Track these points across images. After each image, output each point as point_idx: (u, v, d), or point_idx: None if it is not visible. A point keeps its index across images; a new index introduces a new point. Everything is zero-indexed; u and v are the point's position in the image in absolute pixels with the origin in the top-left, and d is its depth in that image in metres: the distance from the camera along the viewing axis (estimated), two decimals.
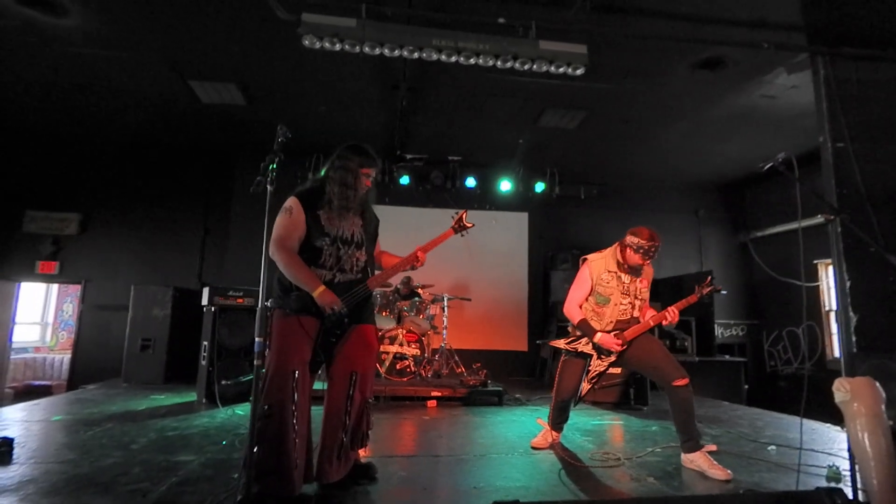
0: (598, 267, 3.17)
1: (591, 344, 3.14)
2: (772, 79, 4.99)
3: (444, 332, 6.03)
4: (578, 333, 3.22)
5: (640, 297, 3.14)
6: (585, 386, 3.16)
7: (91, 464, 2.70)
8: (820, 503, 1.97)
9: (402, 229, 6.87)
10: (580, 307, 3.20)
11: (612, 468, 2.90)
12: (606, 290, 3.13)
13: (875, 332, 3.82)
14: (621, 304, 3.11)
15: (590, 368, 3.14)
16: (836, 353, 6.62)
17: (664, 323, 3.02)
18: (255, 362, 1.93)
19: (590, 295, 3.19)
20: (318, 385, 2.46)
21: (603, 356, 3.11)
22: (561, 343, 3.31)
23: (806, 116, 5.25)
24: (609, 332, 3.08)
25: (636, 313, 3.12)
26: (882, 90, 4.30)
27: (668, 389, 2.92)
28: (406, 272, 5.95)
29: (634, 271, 3.12)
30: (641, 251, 3.02)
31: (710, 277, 3.03)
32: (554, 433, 3.32)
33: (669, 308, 3.00)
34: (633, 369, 3.24)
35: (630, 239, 3.06)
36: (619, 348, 3.03)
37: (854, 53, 4.27)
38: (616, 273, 3.13)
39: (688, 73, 4.91)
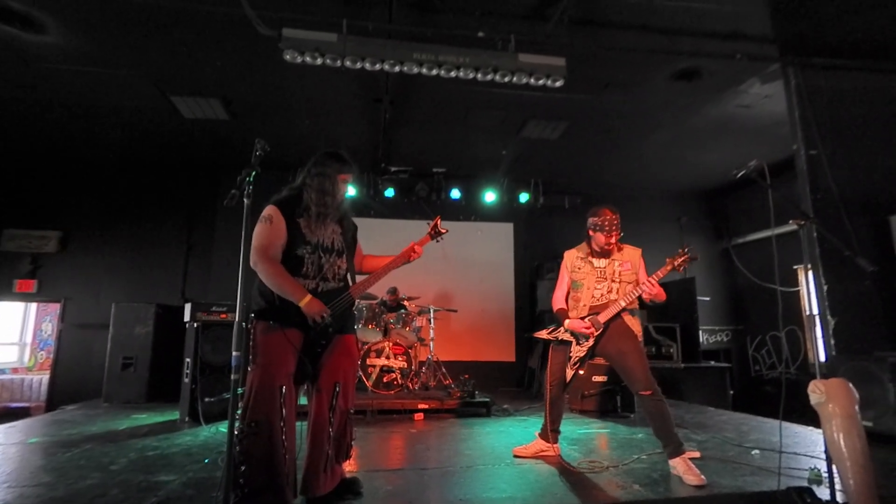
0: (571, 256, 3.33)
1: (569, 331, 3.21)
2: (746, 89, 5.11)
3: (431, 343, 6.01)
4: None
5: (620, 281, 3.14)
6: (570, 371, 3.21)
7: (67, 486, 2.63)
8: (791, 502, 2.06)
9: (387, 241, 6.83)
10: (565, 300, 3.31)
11: (599, 476, 2.90)
12: (579, 276, 3.24)
13: (853, 334, 3.90)
14: (596, 288, 3.18)
15: (571, 354, 3.21)
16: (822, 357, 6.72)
17: (645, 297, 2.97)
18: (232, 377, 1.90)
19: (570, 286, 3.31)
20: (300, 400, 2.43)
21: (581, 341, 3.16)
22: (543, 333, 3.41)
23: (781, 125, 5.37)
24: (583, 317, 3.15)
25: (616, 296, 3.11)
26: (852, 98, 4.43)
27: (636, 396, 3.05)
28: (390, 283, 6.00)
29: (607, 254, 3.19)
30: (603, 229, 3.12)
31: (685, 246, 2.99)
32: (555, 447, 3.30)
33: (642, 282, 3.03)
34: (611, 364, 3.26)
35: (591, 220, 3.19)
36: (588, 331, 3.10)
37: (824, 63, 4.40)
38: (588, 259, 3.23)
39: (665, 83, 5.02)
